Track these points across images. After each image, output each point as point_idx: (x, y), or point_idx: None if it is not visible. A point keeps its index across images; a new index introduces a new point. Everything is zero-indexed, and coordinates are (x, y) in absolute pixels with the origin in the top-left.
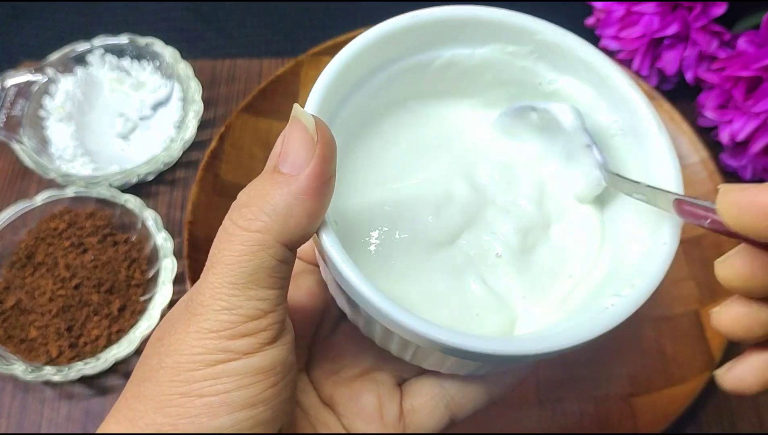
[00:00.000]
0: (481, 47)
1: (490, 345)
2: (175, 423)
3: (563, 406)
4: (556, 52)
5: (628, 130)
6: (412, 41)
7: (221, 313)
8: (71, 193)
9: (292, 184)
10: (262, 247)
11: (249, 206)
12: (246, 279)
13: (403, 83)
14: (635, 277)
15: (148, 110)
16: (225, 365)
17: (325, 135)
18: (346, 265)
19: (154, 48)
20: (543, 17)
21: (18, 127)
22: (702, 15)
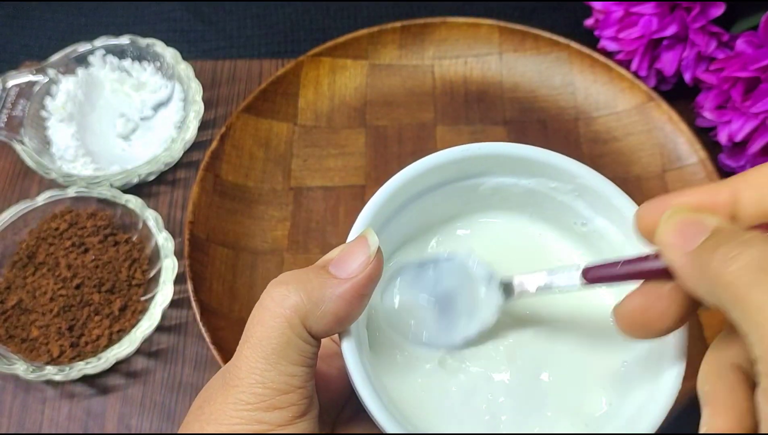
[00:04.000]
0: (527, 179)
1: None
2: None
3: None
4: (594, 196)
5: None
6: (462, 169)
7: (255, 386)
8: (72, 193)
9: (334, 283)
10: (289, 324)
11: (287, 284)
12: (277, 355)
13: (449, 203)
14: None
15: (149, 111)
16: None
17: (379, 261)
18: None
19: (155, 49)
20: (543, 18)
21: (19, 127)
22: (700, 16)
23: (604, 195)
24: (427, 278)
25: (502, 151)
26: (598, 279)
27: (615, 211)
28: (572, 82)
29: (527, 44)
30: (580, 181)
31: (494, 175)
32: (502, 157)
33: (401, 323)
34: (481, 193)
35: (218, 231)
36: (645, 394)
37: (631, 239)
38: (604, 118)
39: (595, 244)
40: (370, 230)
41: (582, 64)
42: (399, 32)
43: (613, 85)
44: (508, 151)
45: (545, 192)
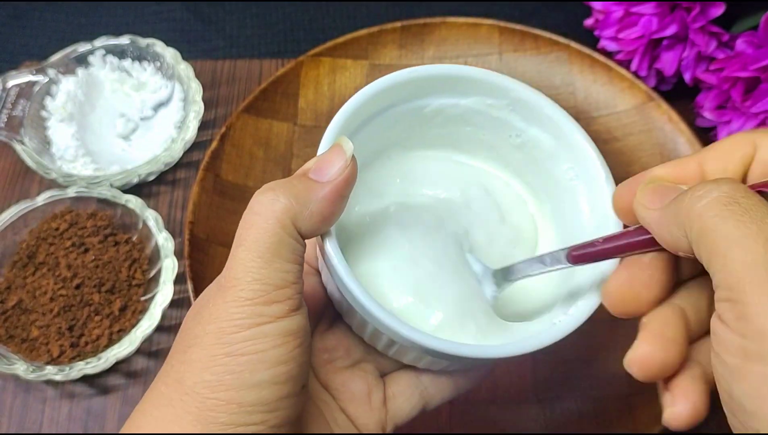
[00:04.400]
0: (466, 98)
1: (461, 349)
2: (221, 379)
3: (561, 406)
4: (526, 107)
5: (581, 175)
6: (409, 91)
7: (253, 283)
8: (72, 193)
9: (317, 186)
10: (281, 225)
11: (275, 190)
12: (271, 254)
13: (398, 126)
14: (579, 300)
15: (149, 111)
16: (262, 327)
17: (354, 165)
18: (343, 270)
19: (155, 49)
20: (543, 18)
21: (19, 127)
22: (700, 16)
23: (536, 106)
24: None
25: (444, 72)
26: (582, 258)
27: (547, 119)
28: (572, 82)
29: (527, 44)
30: (514, 95)
31: (439, 96)
32: (444, 78)
33: None
34: (425, 115)
35: (218, 231)
36: None
37: (562, 143)
38: (604, 118)
39: (530, 152)
40: (344, 138)
41: (582, 64)
42: (399, 32)
43: (613, 85)
44: (448, 71)
45: (482, 109)
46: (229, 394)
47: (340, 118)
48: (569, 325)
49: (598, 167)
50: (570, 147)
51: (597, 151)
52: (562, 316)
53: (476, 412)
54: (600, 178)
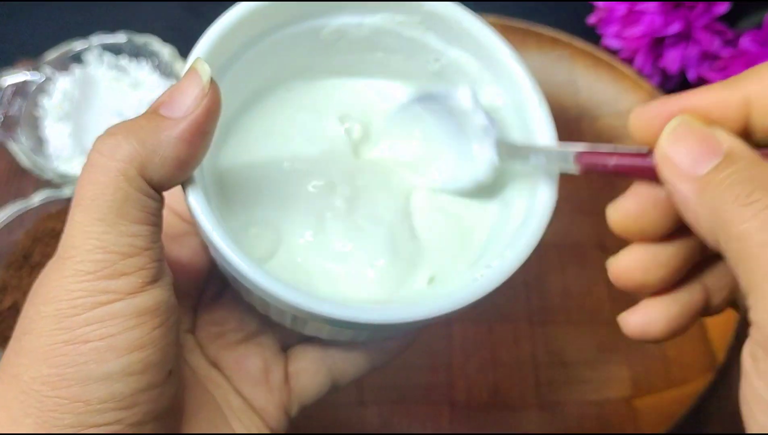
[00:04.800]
0: (371, 16)
1: (358, 313)
2: (62, 372)
3: (564, 409)
4: (443, 23)
5: (510, 101)
6: (301, 7)
7: (94, 252)
8: (69, 193)
9: (169, 124)
10: (125, 177)
11: (115, 135)
12: (115, 213)
13: (292, 52)
14: (506, 248)
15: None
16: (108, 307)
17: (215, 92)
18: (209, 224)
19: (152, 46)
20: (546, 16)
21: (15, 126)
22: (704, 13)
23: (454, 20)
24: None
25: None
26: (591, 166)
27: (467, 36)
28: (575, 81)
29: (529, 42)
30: (427, 9)
31: (337, 15)
32: None
33: None
34: (325, 39)
35: None
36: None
37: (489, 67)
38: (607, 117)
39: (451, 78)
40: (200, 60)
41: (585, 62)
42: None
43: (616, 84)
44: None
45: (391, 29)
46: (72, 390)
47: (209, 39)
48: (493, 280)
49: (529, 90)
50: (496, 68)
51: (527, 72)
52: (484, 269)
53: (477, 415)
54: (532, 102)
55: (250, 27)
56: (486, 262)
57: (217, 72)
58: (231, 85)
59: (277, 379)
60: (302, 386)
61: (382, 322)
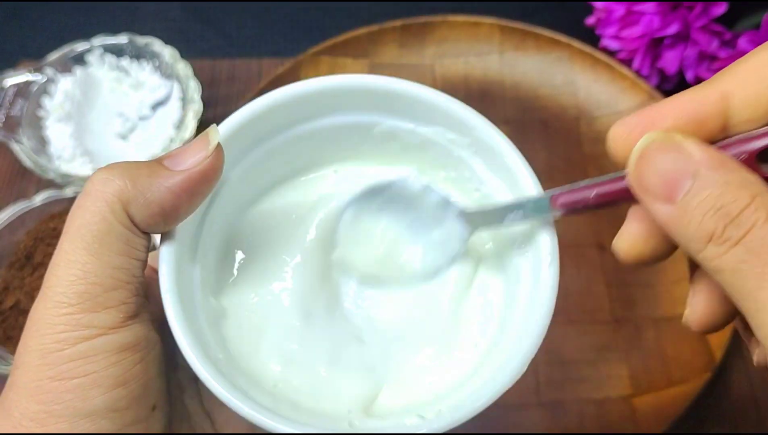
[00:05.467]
0: (425, 127)
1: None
2: (49, 409)
3: (564, 407)
4: (489, 151)
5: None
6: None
7: (77, 283)
8: (70, 193)
9: (164, 173)
10: (110, 210)
11: (112, 170)
12: (99, 243)
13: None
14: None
15: (148, 110)
16: (91, 342)
17: (217, 158)
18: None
19: (153, 48)
20: (545, 17)
21: (17, 127)
22: (702, 14)
23: (499, 152)
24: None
25: (403, 88)
26: (572, 205)
27: (507, 171)
28: (573, 82)
29: (528, 43)
30: (477, 134)
31: (390, 117)
32: (402, 96)
33: None
34: (375, 137)
35: None
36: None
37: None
38: (606, 118)
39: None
40: (214, 127)
41: (583, 63)
42: (399, 31)
43: (615, 85)
44: (409, 89)
45: (443, 144)
46: (60, 426)
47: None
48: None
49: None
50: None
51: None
52: (427, 414)
53: (478, 414)
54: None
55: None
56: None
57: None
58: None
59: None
60: None
61: None
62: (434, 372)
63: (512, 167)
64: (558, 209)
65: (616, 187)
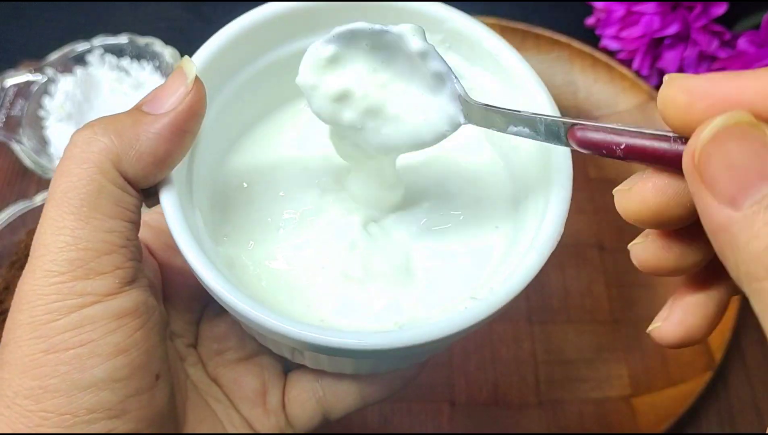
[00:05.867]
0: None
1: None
2: (44, 384)
3: (563, 407)
4: (465, 42)
5: None
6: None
7: (66, 250)
8: None
9: (148, 119)
10: (99, 169)
11: (92, 127)
12: (89, 207)
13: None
14: (494, 279)
15: None
16: (86, 310)
17: (199, 90)
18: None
19: (154, 48)
20: (544, 17)
21: (17, 127)
22: (702, 15)
23: (475, 39)
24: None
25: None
26: (591, 144)
27: (488, 56)
28: (573, 82)
29: (528, 43)
30: (450, 26)
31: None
32: (365, 7)
33: None
34: None
35: None
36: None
37: (511, 88)
38: (606, 118)
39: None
40: (187, 59)
41: (583, 63)
42: None
43: (615, 85)
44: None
45: None
46: (57, 402)
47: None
48: (479, 313)
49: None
50: (516, 88)
51: (547, 93)
52: (469, 301)
53: (478, 413)
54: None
55: (262, 39)
56: (471, 293)
57: (225, 78)
58: (238, 95)
59: (274, 402)
60: (295, 414)
61: (363, 349)
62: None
63: (493, 51)
64: (573, 143)
65: (658, 147)
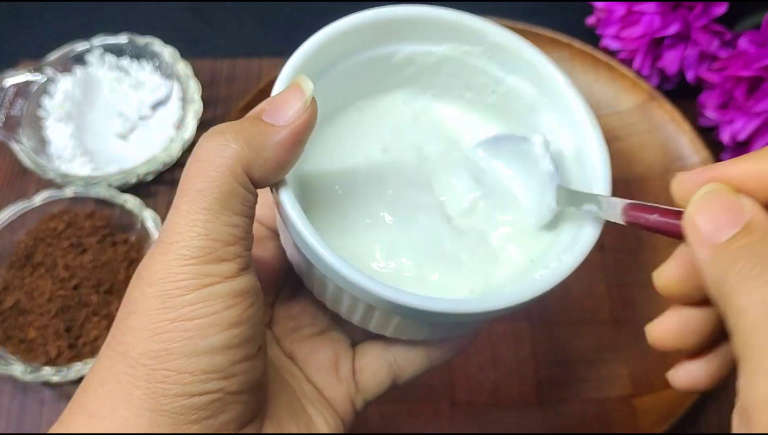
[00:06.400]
0: (439, 46)
1: (426, 302)
2: (168, 347)
3: (564, 407)
4: (504, 53)
5: (565, 124)
6: (373, 36)
7: (198, 239)
8: (70, 193)
9: (272, 130)
10: (232, 172)
11: (224, 134)
12: (220, 205)
13: (364, 76)
14: (563, 253)
15: (148, 110)
16: (210, 288)
17: (314, 108)
18: (298, 219)
19: (154, 47)
20: (545, 16)
21: (17, 126)
22: (703, 14)
23: (515, 50)
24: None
25: (414, 13)
26: (634, 219)
27: (526, 65)
28: (574, 82)
29: None
30: (491, 39)
31: (408, 43)
32: (414, 21)
33: None
34: (396, 64)
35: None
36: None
37: (544, 91)
38: (606, 118)
39: (509, 104)
40: (304, 77)
41: (584, 63)
42: None
43: (615, 85)
44: (419, 13)
45: (458, 57)
46: (178, 363)
47: (297, 60)
48: (552, 279)
49: (582, 114)
50: (552, 94)
51: (581, 97)
52: (543, 270)
53: (478, 413)
54: (585, 125)
55: (333, 49)
56: (544, 265)
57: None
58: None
59: (346, 370)
60: (366, 380)
61: (451, 312)
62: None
63: (531, 60)
64: (624, 216)
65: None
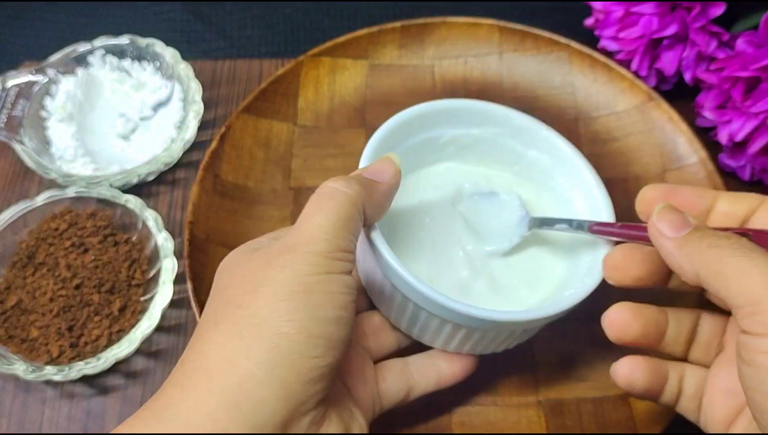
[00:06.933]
0: (474, 129)
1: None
2: (297, 307)
3: (563, 407)
4: (525, 133)
5: (576, 185)
6: (424, 123)
7: (325, 242)
8: (72, 194)
9: (377, 184)
10: (354, 204)
11: (348, 179)
12: (343, 223)
13: (420, 152)
14: (586, 276)
15: (149, 111)
16: (332, 275)
17: (400, 172)
18: (389, 255)
19: (155, 49)
20: (543, 17)
21: (19, 127)
22: (701, 15)
23: (533, 130)
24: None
25: (455, 105)
26: (600, 232)
27: (543, 141)
28: (572, 82)
29: (527, 44)
30: (514, 123)
31: (450, 127)
32: (457, 110)
33: None
34: (440, 144)
35: (218, 231)
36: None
37: (557, 160)
38: (604, 118)
39: (530, 172)
40: (393, 154)
41: (582, 63)
42: (399, 32)
43: (613, 85)
44: (458, 105)
45: (489, 137)
46: (301, 323)
47: (373, 142)
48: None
49: (589, 177)
50: (564, 162)
51: (586, 162)
52: (571, 289)
53: (477, 413)
54: (592, 185)
55: (395, 135)
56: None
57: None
58: None
59: (370, 375)
60: (386, 389)
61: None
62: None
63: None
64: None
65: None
